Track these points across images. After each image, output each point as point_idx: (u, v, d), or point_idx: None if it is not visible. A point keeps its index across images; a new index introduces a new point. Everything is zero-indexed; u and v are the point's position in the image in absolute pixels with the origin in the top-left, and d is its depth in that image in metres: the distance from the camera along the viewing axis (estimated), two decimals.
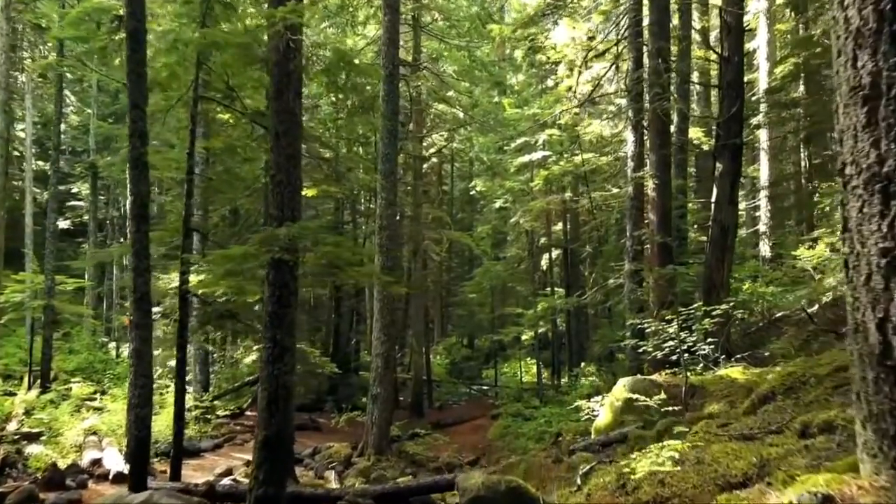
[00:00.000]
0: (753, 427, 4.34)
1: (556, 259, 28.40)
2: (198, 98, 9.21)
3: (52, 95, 21.22)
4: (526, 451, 15.00)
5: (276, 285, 6.79)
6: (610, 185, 21.05)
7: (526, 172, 25.20)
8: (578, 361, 24.39)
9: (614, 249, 19.04)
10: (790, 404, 4.96)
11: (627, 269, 12.70)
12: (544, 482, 6.32)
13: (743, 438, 4.01)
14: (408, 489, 8.06)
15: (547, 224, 25.39)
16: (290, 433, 11.19)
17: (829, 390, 4.81)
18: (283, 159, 6.92)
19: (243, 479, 11.17)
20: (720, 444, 3.88)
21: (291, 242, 6.48)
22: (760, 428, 4.26)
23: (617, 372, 17.78)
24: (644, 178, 12.92)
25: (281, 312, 6.80)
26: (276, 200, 6.86)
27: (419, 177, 21.15)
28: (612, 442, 7.62)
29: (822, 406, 4.56)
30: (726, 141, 11.84)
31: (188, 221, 8.75)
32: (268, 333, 6.80)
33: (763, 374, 8.06)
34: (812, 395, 4.89)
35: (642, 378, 8.57)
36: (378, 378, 14.14)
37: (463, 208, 39.65)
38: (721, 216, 11.80)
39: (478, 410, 21.25)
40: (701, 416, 6.82)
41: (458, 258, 38.75)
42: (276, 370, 6.72)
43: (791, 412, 4.66)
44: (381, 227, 14.13)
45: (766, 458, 3.17)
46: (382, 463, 13.77)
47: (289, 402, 6.78)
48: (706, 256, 12.16)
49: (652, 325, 8.71)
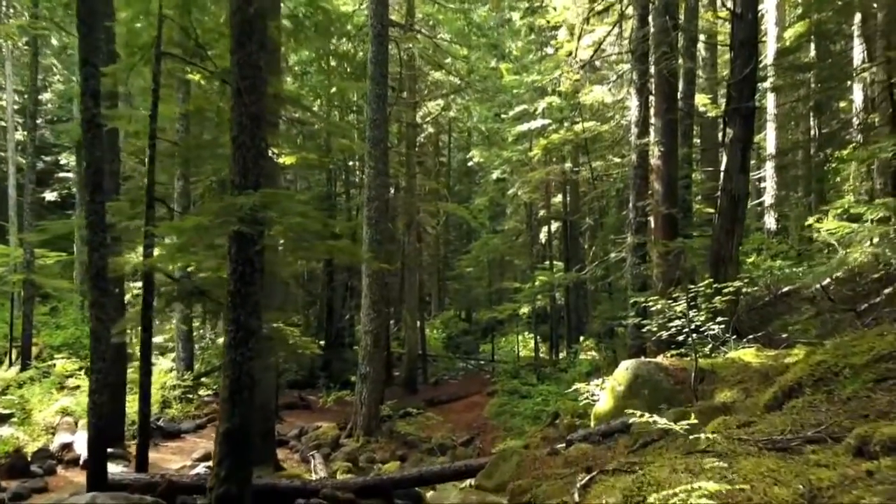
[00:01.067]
0: (784, 430, 3.65)
1: (556, 232, 27.64)
2: (160, 55, 8.36)
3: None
4: (522, 431, 14.43)
5: (238, 261, 6.05)
6: (612, 155, 20.20)
7: (524, 142, 24.30)
8: (577, 336, 23.80)
9: (616, 222, 18.27)
10: (822, 400, 4.26)
11: (630, 242, 11.94)
12: (538, 481, 5.66)
13: (776, 449, 3.32)
14: (391, 481, 7.42)
15: (546, 196, 24.58)
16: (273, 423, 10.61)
17: (869, 385, 4.11)
18: (245, 119, 6.13)
19: None
20: (749, 457, 3.18)
21: (253, 213, 5.73)
22: (794, 432, 3.57)
23: (617, 349, 17.15)
24: (648, 146, 12.09)
25: (244, 291, 6.07)
26: (238, 165, 6.09)
27: (413, 146, 20.28)
28: (613, 432, 6.96)
29: (864, 404, 3.86)
30: (738, 104, 11.00)
31: (151, 191, 7.97)
32: (230, 315, 6.09)
33: (779, 357, 7.37)
34: (849, 390, 4.19)
35: (646, 361, 7.88)
36: (367, 356, 13.49)
37: (461, 180, 38.80)
38: (731, 185, 11.01)
39: (474, 386, 20.68)
40: (713, 405, 6.14)
41: (456, 231, 38.01)
42: (240, 356, 6.02)
43: (826, 411, 3.97)
44: (369, 199, 13.36)
45: (817, 487, 2.48)
46: (372, 444, 13.20)
47: (254, 390, 6.09)
48: (714, 229, 11.42)
49: (657, 302, 7.98)
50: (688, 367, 7.62)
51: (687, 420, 6.03)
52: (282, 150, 9.67)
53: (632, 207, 12.19)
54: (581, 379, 16.04)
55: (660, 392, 7.41)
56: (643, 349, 11.66)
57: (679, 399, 7.27)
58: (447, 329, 32.25)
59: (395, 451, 12.97)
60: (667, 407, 7.28)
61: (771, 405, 4.89)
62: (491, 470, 6.81)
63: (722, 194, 11.19)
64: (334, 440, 13.02)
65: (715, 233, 11.14)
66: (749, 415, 4.86)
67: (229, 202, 5.59)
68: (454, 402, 18.76)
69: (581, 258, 23.68)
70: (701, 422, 5.81)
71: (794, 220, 22.92)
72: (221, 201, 5.71)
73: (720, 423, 4.49)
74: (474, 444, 14.57)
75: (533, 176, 21.45)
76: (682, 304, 7.40)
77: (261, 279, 6.21)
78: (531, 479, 5.86)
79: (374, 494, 7.41)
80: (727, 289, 7.40)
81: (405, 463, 12.64)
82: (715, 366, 7.47)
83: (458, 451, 13.55)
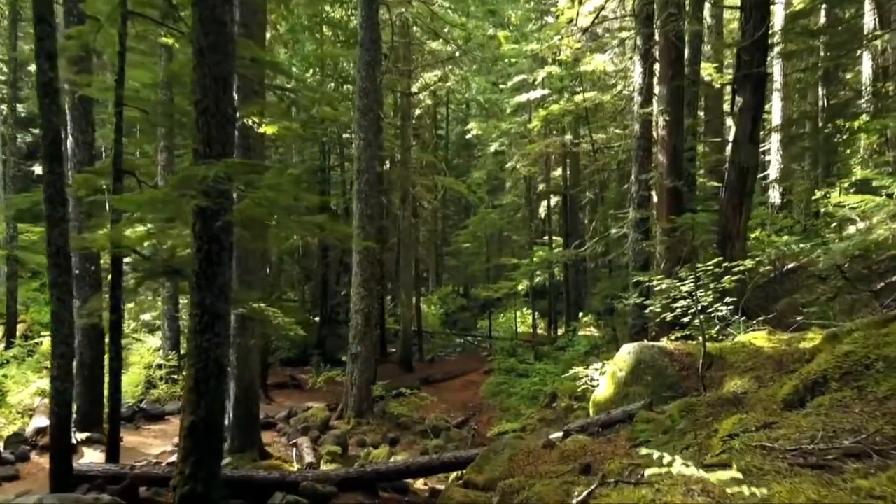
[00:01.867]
0: (815, 438, 3.13)
1: (555, 206, 27.04)
2: (126, 14, 7.70)
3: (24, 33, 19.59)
4: (519, 412, 14.02)
5: (202, 238, 5.49)
6: (613, 127, 19.53)
7: (523, 113, 23.59)
8: (576, 312, 23.34)
9: (617, 196, 17.66)
10: (853, 399, 3.74)
11: (632, 217, 11.37)
12: (531, 479, 5.16)
13: (810, 466, 2.79)
14: (375, 473, 6.95)
15: (546, 169, 23.94)
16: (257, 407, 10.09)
17: None
18: (209, 81, 5.52)
19: None
20: (780, 477, 2.65)
21: (216, 185, 5.15)
22: (827, 440, 3.05)
23: (617, 327, 16.68)
24: (652, 115, 11.45)
25: (210, 272, 5.52)
26: (202, 133, 5.49)
27: (408, 117, 19.57)
28: (614, 422, 6.46)
29: None
30: (749, 70, 10.33)
31: (118, 162, 7.37)
32: (195, 298, 5.55)
33: (793, 341, 6.84)
34: (885, 388, 3.66)
35: (649, 345, 7.36)
36: (358, 335, 13.00)
37: (459, 153, 38.07)
38: (740, 157, 10.40)
39: (470, 364, 20.27)
40: (723, 396, 5.62)
41: (455, 205, 37.37)
42: (206, 342, 5.49)
43: (861, 413, 3.45)
44: (359, 171, 12.75)
45: None
46: (363, 426, 12.76)
47: (221, 379, 5.57)
48: (721, 203, 10.83)
49: (661, 281, 7.43)
50: (694, 352, 7.10)
51: (695, 413, 5.55)
52: (262, 120, 9.04)
53: (634, 180, 11.59)
54: (579, 359, 15.63)
55: (664, 379, 6.91)
56: (645, 329, 11.16)
57: (684, 386, 6.77)
58: (445, 305, 31.78)
59: (386, 433, 12.54)
60: (671, 395, 6.79)
61: (790, 401, 4.37)
62: (481, 463, 6.32)
63: (730, 166, 10.60)
64: (324, 422, 12.57)
65: (722, 207, 10.55)
66: (767, 412, 4.34)
67: (188, 173, 5.01)
68: (450, 380, 18.35)
69: (581, 233, 23.12)
70: (711, 416, 5.31)
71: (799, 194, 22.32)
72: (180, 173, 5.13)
73: (736, 423, 3.97)
74: (469, 425, 14.16)
75: (532, 148, 20.79)
76: (689, 283, 6.85)
77: (229, 258, 5.66)
78: (524, 476, 5.37)
79: (357, 487, 6.95)
80: (738, 267, 6.85)
81: (397, 446, 12.22)
82: (723, 350, 6.95)
83: (452, 432, 13.14)
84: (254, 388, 10.11)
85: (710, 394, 5.89)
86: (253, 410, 10.14)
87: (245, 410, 9.95)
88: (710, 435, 4.39)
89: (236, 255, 9.86)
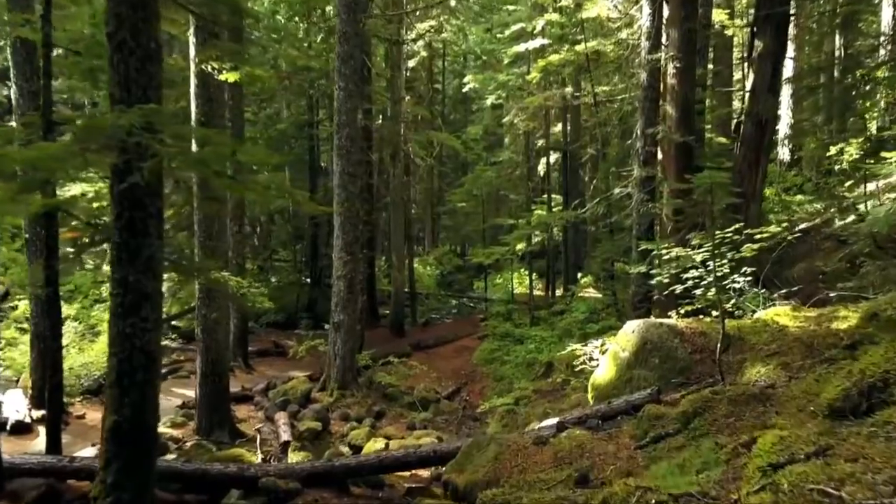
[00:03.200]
0: None
1: (555, 164, 25.93)
2: None
3: None
4: (513, 382, 13.26)
5: (122, 204, 4.54)
6: (617, 78, 18.31)
7: (522, 64, 22.31)
8: (575, 273, 22.49)
9: (620, 152, 16.60)
10: None
11: (637, 175, 10.35)
12: (517, 490, 4.34)
13: None
14: (344, 469, 6.14)
15: (545, 124, 22.77)
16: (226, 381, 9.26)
17: None
18: (125, 8, 4.49)
19: (167, 431, 9.38)
20: None
21: (132, 139, 4.18)
22: None
23: (617, 291, 15.83)
24: (661, 62, 10.34)
25: (133, 244, 4.58)
26: (118, 73, 4.49)
27: (397, 67, 18.32)
28: (616, 413, 5.62)
29: None
30: (770, 9, 9.24)
31: (47, 112, 6.37)
32: (115, 274, 4.62)
33: (823, 319, 5.94)
34: None
35: (657, 322, 6.47)
36: (341, 303, 12.14)
37: (456, 108, 36.78)
38: (757, 108, 9.38)
39: (464, 329, 19.46)
40: (746, 389, 4.75)
41: (453, 162, 36.19)
42: (130, 327, 4.59)
43: None
44: (339, 125, 11.69)
45: None
46: (347, 399, 12.00)
47: (150, 371, 4.69)
48: (735, 160, 9.86)
49: (671, 249, 6.49)
50: (708, 331, 6.22)
51: (713, 410, 4.68)
52: (222, 66, 7.97)
53: (640, 135, 10.53)
54: (577, 326, 14.82)
55: (673, 362, 6.04)
56: (648, 297, 10.27)
57: (697, 372, 5.91)
58: (441, 265, 30.92)
59: (372, 406, 11.79)
60: (682, 381, 5.94)
61: (839, 408, 3.50)
62: (463, 461, 5.50)
63: (746, 119, 9.59)
64: (305, 395, 11.80)
65: (736, 164, 9.58)
66: (811, 423, 3.48)
67: (93, 122, 4.04)
68: (443, 346, 17.56)
69: (581, 191, 22.08)
70: (734, 416, 4.44)
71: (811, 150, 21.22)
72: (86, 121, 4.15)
73: (776, 444, 3.10)
74: (460, 396, 13.42)
75: (531, 101, 19.62)
76: (704, 251, 5.90)
77: (159, 226, 4.71)
78: (510, 485, 4.54)
79: (324, 483, 6.16)
80: (761, 234, 5.90)
81: (383, 419, 11.49)
82: (742, 330, 6.06)
83: (442, 404, 12.39)
84: (222, 362, 9.28)
85: (730, 385, 5.02)
86: (222, 386, 9.34)
87: (212, 387, 9.15)
88: (738, 450, 3.52)
89: (198, 219, 8.94)
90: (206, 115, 8.60)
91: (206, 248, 8.80)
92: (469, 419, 11.72)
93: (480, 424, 11.27)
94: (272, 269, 27.18)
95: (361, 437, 8.87)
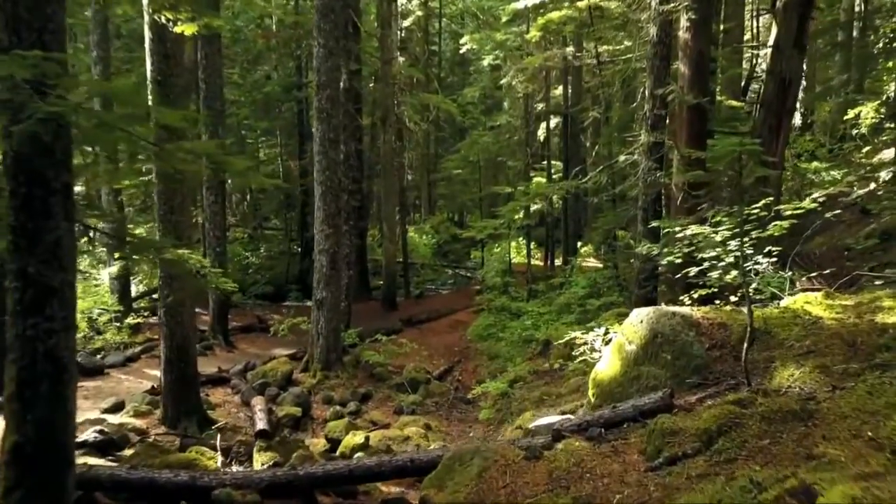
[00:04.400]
0: None
1: (555, 129, 24.87)
2: None
3: None
4: (508, 360, 12.52)
5: (17, 178, 3.67)
6: (622, 36, 17.18)
7: (520, 23, 21.12)
8: (574, 243, 21.67)
9: (624, 115, 15.59)
10: None
11: (644, 141, 9.40)
12: None
13: None
14: (309, 479, 5.37)
15: (545, 86, 21.67)
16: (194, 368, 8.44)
17: None
18: None
19: (130, 421, 8.64)
20: None
21: (17, 96, 3.29)
22: None
23: (619, 265, 15.01)
24: (673, 14, 9.30)
25: (32, 226, 3.73)
26: (5, 13, 3.58)
27: (388, 25, 17.19)
28: (621, 420, 4.82)
29: None
30: None
31: None
32: (12, 265, 3.77)
33: (863, 309, 5.11)
34: None
35: (668, 311, 5.63)
36: (324, 280, 11.34)
37: (453, 70, 35.48)
38: (781, 66, 8.42)
39: (459, 301, 18.70)
40: (781, 403, 3.92)
41: (450, 127, 35.04)
42: (32, 329, 3.76)
43: None
44: (320, 86, 10.71)
45: None
46: (331, 380, 11.26)
47: (60, 381, 3.87)
48: (754, 123, 8.94)
49: (687, 227, 5.61)
50: (728, 322, 5.39)
51: (741, 429, 3.87)
52: (178, 16, 7.00)
53: (648, 97, 9.55)
54: (577, 302, 14.02)
55: (688, 359, 5.22)
56: (655, 274, 9.42)
57: (717, 371, 5.09)
58: (437, 234, 30.00)
59: (357, 388, 11.06)
60: (698, 382, 5.13)
61: None
62: (443, 475, 4.73)
63: (768, 78, 8.64)
64: (286, 377, 11.06)
65: (756, 128, 8.65)
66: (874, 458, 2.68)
67: None
68: (435, 320, 16.81)
69: (582, 158, 21.11)
70: (769, 438, 3.62)
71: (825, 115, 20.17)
72: None
73: (844, 497, 2.31)
74: (452, 375, 12.69)
75: (530, 62, 18.51)
76: (726, 229, 5.03)
77: (65, 204, 3.84)
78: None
79: (287, 494, 5.40)
80: (794, 210, 5.02)
81: (368, 402, 10.76)
82: (769, 321, 5.23)
83: (432, 385, 11.66)
84: (187, 345, 8.49)
85: (760, 392, 4.20)
86: (189, 373, 8.56)
87: (178, 374, 8.37)
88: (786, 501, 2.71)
89: (157, 190, 8.05)
90: (163, 73, 7.65)
91: (167, 222, 7.93)
92: (461, 402, 11.00)
93: (472, 409, 10.58)
94: (262, 238, 26.30)
95: (340, 429, 8.11)
